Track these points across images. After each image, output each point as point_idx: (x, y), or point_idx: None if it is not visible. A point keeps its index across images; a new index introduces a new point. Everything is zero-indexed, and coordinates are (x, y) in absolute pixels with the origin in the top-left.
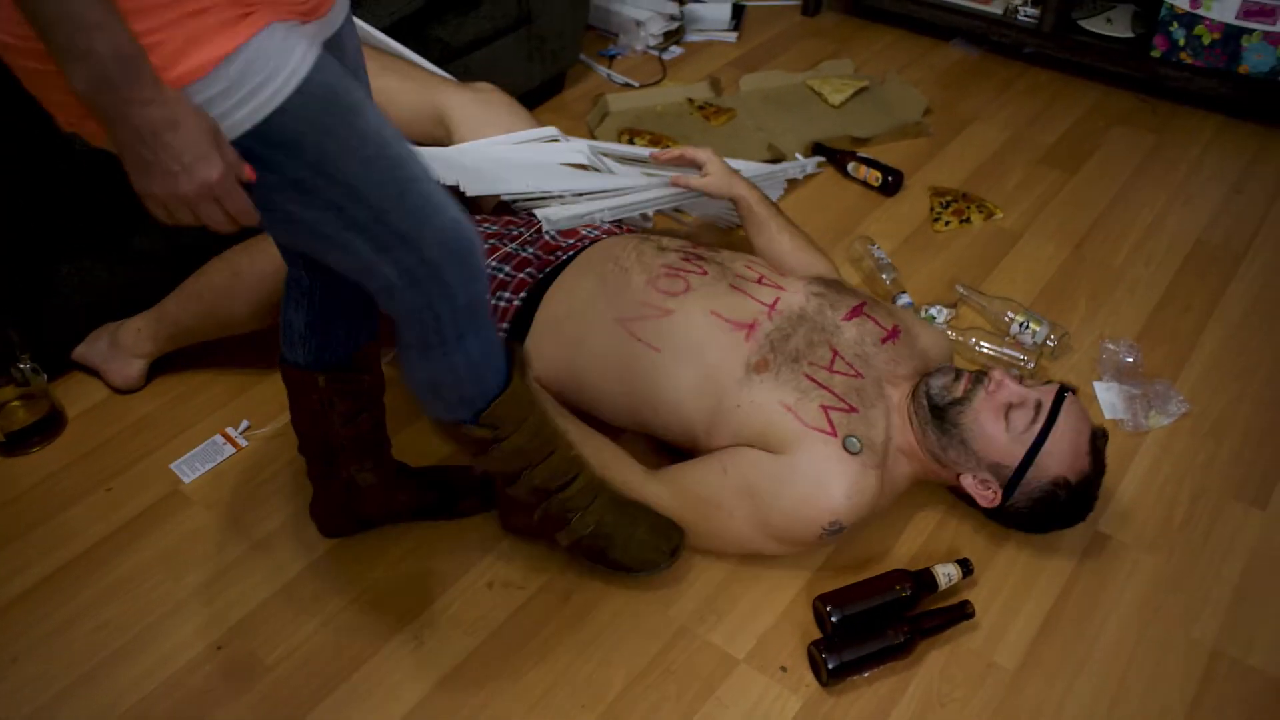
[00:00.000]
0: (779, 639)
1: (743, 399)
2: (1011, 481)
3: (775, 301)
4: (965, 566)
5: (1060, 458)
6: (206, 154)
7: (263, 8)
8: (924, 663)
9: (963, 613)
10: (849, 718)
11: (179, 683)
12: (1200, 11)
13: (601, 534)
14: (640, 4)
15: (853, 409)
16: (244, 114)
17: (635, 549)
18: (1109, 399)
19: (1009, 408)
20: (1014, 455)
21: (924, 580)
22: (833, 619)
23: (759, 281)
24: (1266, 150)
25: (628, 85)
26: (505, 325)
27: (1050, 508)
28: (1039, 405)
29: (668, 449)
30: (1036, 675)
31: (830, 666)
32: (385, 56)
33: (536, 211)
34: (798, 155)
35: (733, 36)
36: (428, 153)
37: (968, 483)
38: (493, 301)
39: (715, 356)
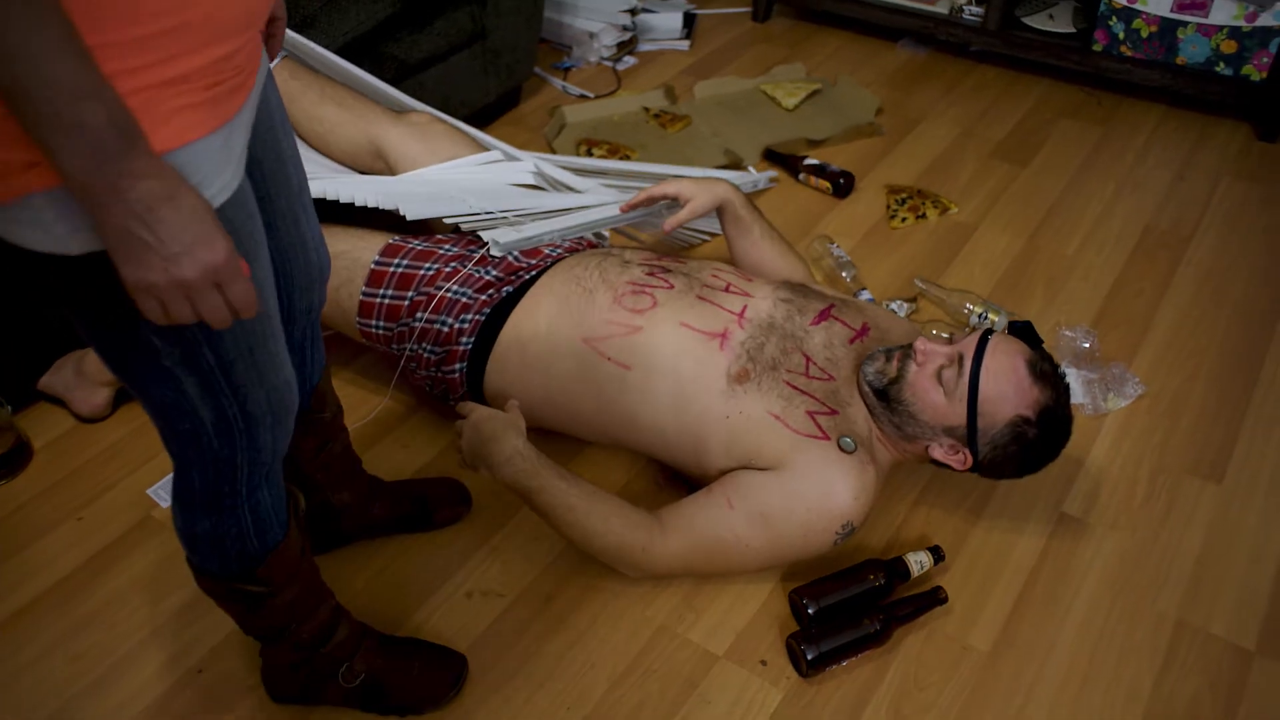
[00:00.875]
0: (757, 633)
1: (731, 410)
2: (970, 439)
3: (744, 310)
4: (936, 553)
5: (1003, 398)
6: (209, 233)
7: (206, 105)
8: (900, 649)
9: (936, 598)
10: (829, 707)
11: (160, 709)
12: (1137, 6)
13: (373, 681)
14: (593, 16)
15: (834, 411)
16: None
17: (414, 688)
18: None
19: (940, 370)
20: (959, 414)
21: (897, 569)
22: (809, 611)
23: (726, 290)
24: (1206, 137)
25: (583, 97)
26: (468, 342)
27: (1026, 447)
28: (962, 358)
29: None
30: (1010, 656)
31: (809, 658)
32: (327, 84)
33: (484, 234)
34: (750, 169)
35: (685, 45)
36: (368, 180)
37: (937, 453)
38: (454, 324)
39: (691, 369)
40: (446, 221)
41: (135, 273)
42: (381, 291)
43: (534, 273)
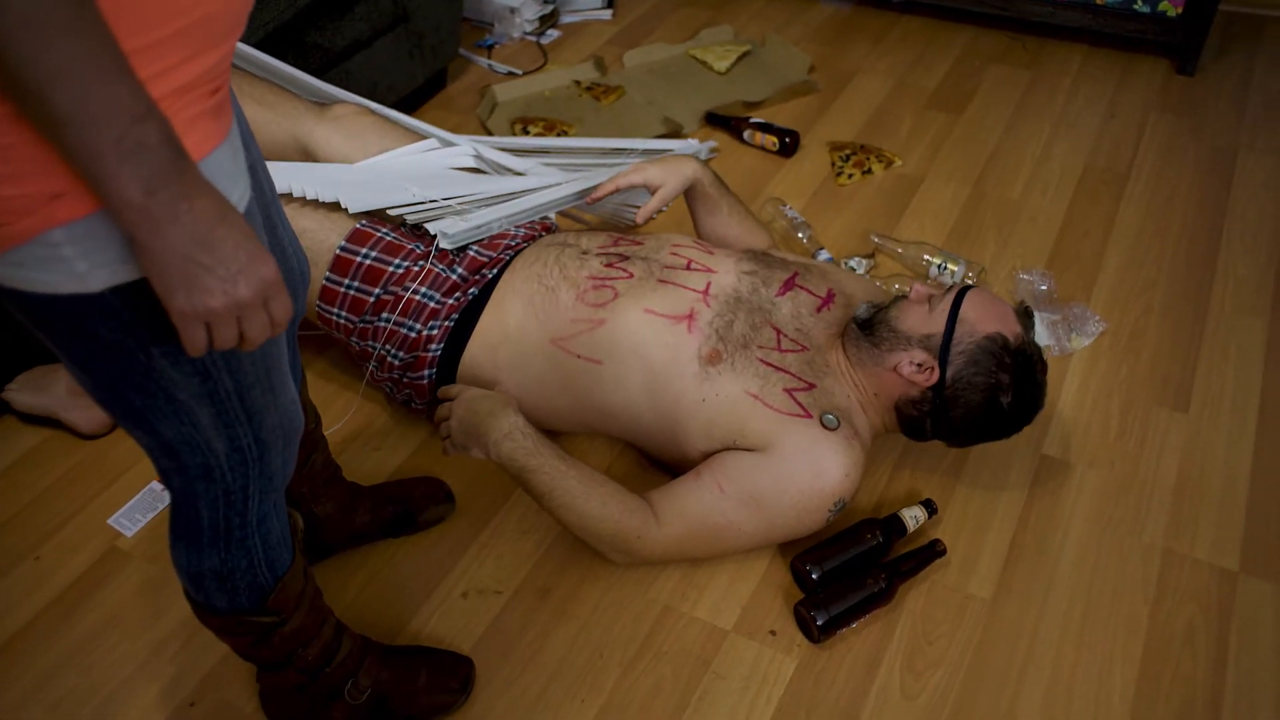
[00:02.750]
0: (763, 604)
1: (707, 393)
2: (944, 348)
3: (708, 287)
4: (930, 507)
5: (984, 314)
6: (259, 249)
7: (211, 113)
8: (905, 605)
9: (934, 551)
10: (844, 670)
11: None
12: None
13: (380, 695)
14: None
15: (812, 385)
16: None
17: (422, 697)
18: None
19: (929, 299)
20: (938, 323)
21: (893, 526)
22: (813, 576)
23: (688, 268)
24: (1131, 74)
25: (511, 74)
26: (437, 349)
27: (993, 366)
28: (951, 288)
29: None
30: (1011, 600)
31: (820, 623)
32: (245, 79)
33: (430, 227)
34: (693, 140)
35: (607, 14)
36: (307, 168)
37: (906, 371)
38: (423, 330)
39: (660, 354)
40: (391, 213)
41: (191, 300)
42: (347, 281)
43: (496, 269)
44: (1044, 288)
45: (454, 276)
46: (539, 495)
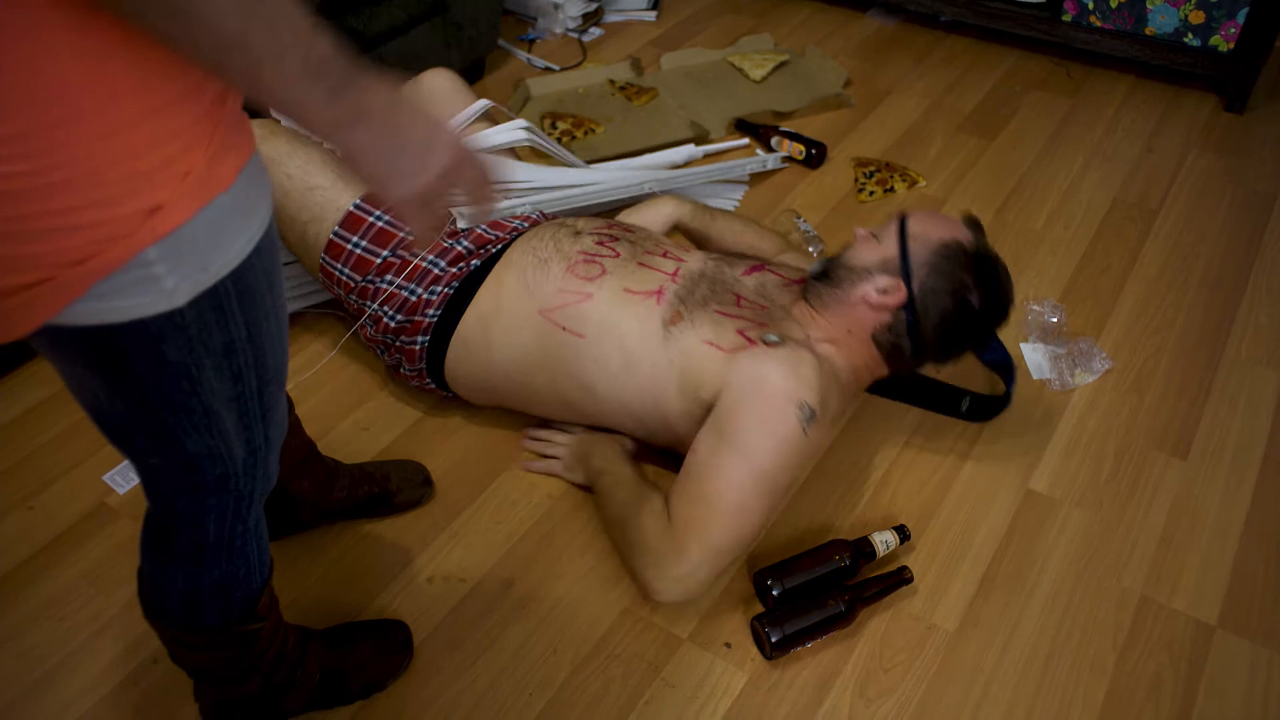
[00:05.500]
0: (722, 616)
1: (673, 353)
2: (904, 265)
3: (677, 270)
4: (902, 533)
5: (932, 227)
6: (436, 120)
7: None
8: (866, 630)
9: (901, 578)
10: (794, 689)
11: (115, 702)
12: None
13: (331, 673)
14: None
15: (764, 325)
16: (242, 243)
17: (370, 668)
18: (1035, 359)
19: (872, 234)
20: (890, 248)
21: (863, 549)
22: (774, 592)
23: (664, 255)
24: (1175, 109)
25: (548, 69)
26: (434, 314)
27: (955, 270)
28: (892, 217)
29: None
30: (975, 635)
31: (773, 640)
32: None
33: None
34: (759, 151)
35: (652, 15)
36: None
37: (874, 299)
38: (423, 294)
39: (632, 326)
40: None
41: (409, 184)
42: (355, 239)
43: (500, 246)
44: (1054, 320)
45: (459, 248)
46: (600, 503)
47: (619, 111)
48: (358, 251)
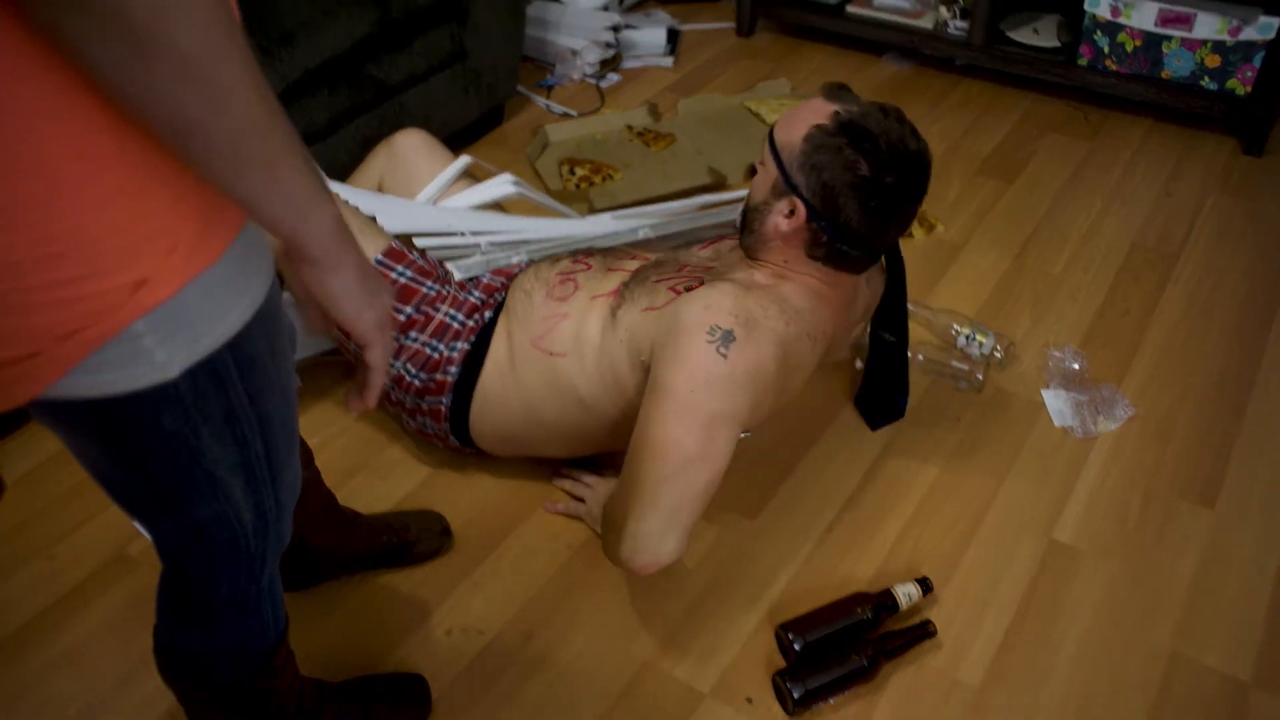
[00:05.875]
0: (743, 670)
1: (621, 333)
2: (785, 178)
3: (640, 267)
4: (925, 585)
5: (791, 127)
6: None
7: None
8: (889, 685)
9: (925, 632)
10: None
11: None
12: (1121, 20)
13: None
14: (576, 33)
15: (700, 282)
16: (238, 313)
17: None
18: (1057, 406)
19: (757, 169)
20: (772, 169)
21: (885, 602)
22: (796, 646)
23: (632, 258)
24: (1193, 151)
25: (566, 115)
26: (456, 372)
27: (829, 156)
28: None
29: None
30: (1001, 690)
31: (796, 696)
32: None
33: (449, 265)
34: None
35: (669, 61)
36: (343, 186)
37: (784, 226)
38: (444, 350)
39: (594, 327)
40: (418, 243)
41: (369, 312)
42: None
43: (504, 293)
44: (1075, 366)
45: (472, 299)
46: None
47: (637, 157)
48: None
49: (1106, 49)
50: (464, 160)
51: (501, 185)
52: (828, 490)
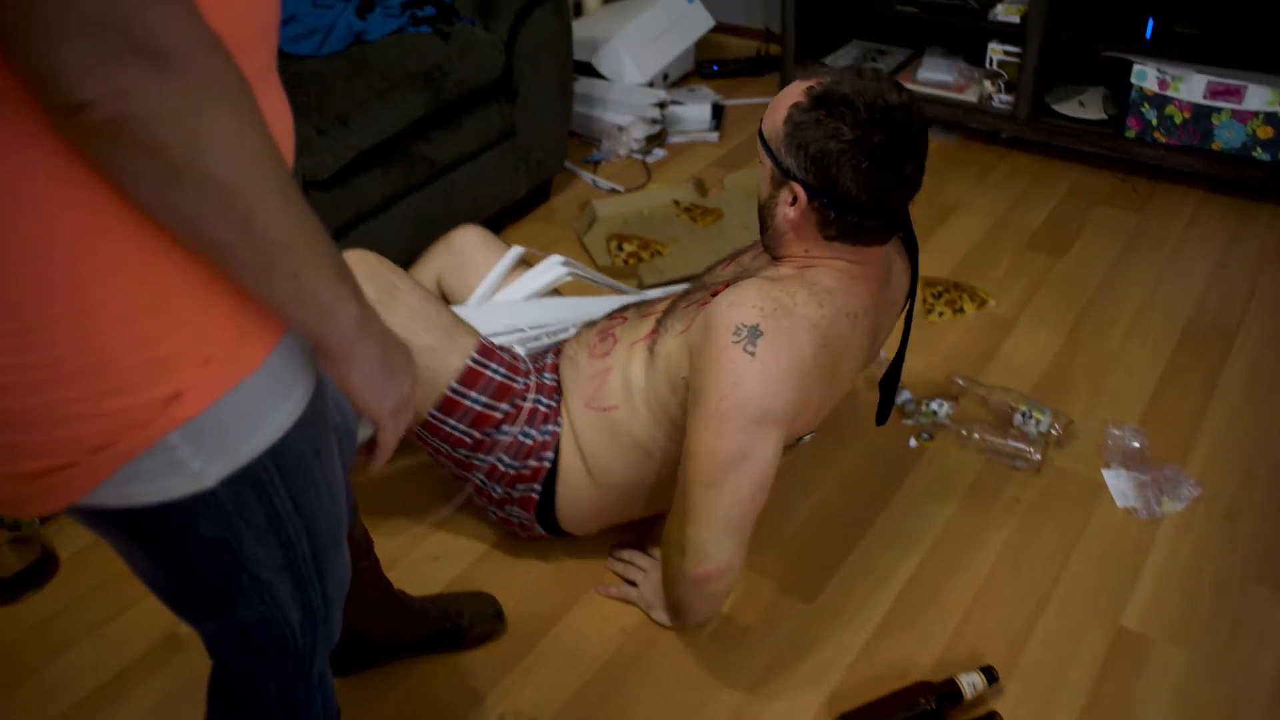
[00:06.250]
0: None
1: (660, 364)
2: (778, 166)
3: (671, 305)
4: (990, 674)
5: (773, 113)
6: (398, 340)
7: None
8: None
9: None
10: None
11: None
12: (1169, 93)
13: None
14: (622, 109)
15: (729, 285)
16: (276, 422)
17: None
18: (1119, 487)
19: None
20: (767, 161)
21: (948, 692)
22: None
23: (665, 300)
24: (1247, 223)
25: (613, 190)
26: (550, 457)
27: (811, 133)
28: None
29: None
30: None
31: None
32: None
33: (516, 347)
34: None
35: (714, 136)
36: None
37: (791, 215)
38: (537, 435)
39: (637, 368)
40: (500, 340)
41: (395, 392)
42: (474, 395)
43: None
44: (1135, 445)
45: (549, 382)
46: None
47: (684, 233)
48: (476, 408)
49: (1155, 121)
50: (516, 251)
51: (553, 268)
52: (886, 573)
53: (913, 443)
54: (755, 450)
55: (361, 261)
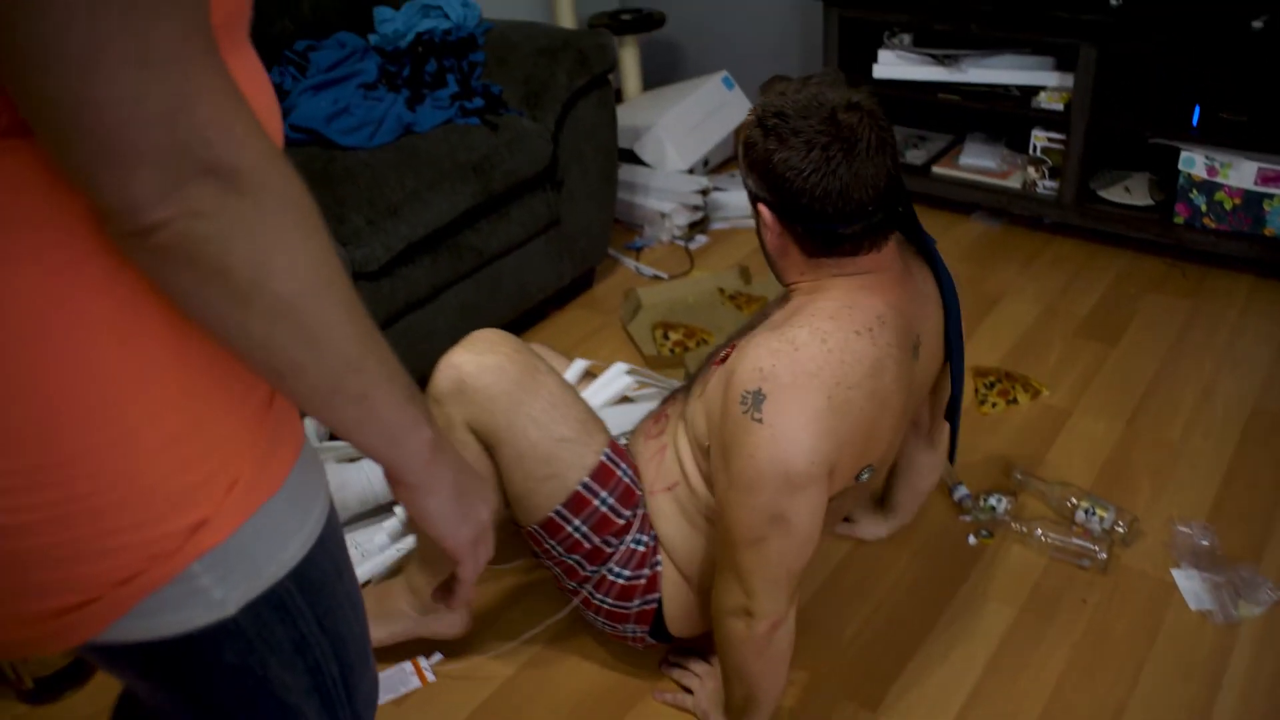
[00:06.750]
0: None
1: (686, 425)
2: (751, 196)
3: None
4: None
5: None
6: (470, 466)
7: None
8: None
9: None
10: None
11: None
12: (1219, 179)
13: None
14: (664, 196)
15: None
16: (299, 542)
17: None
18: (1192, 589)
19: None
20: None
21: None
22: None
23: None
24: None
25: (656, 277)
26: (659, 561)
27: (757, 154)
28: None
29: None
30: None
31: None
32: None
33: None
34: None
35: None
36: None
37: (774, 241)
38: (648, 540)
39: (685, 442)
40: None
41: (472, 522)
42: (604, 494)
43: None
44: (1205, 543)
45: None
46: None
47: (730, 320)
48: (603, 509)
49: (1204, 207)
50: (580, 365)
51: (618, 377)
52: (951, 679)
53: (972, 540)
54: (790, 512)
55: (502, 340)
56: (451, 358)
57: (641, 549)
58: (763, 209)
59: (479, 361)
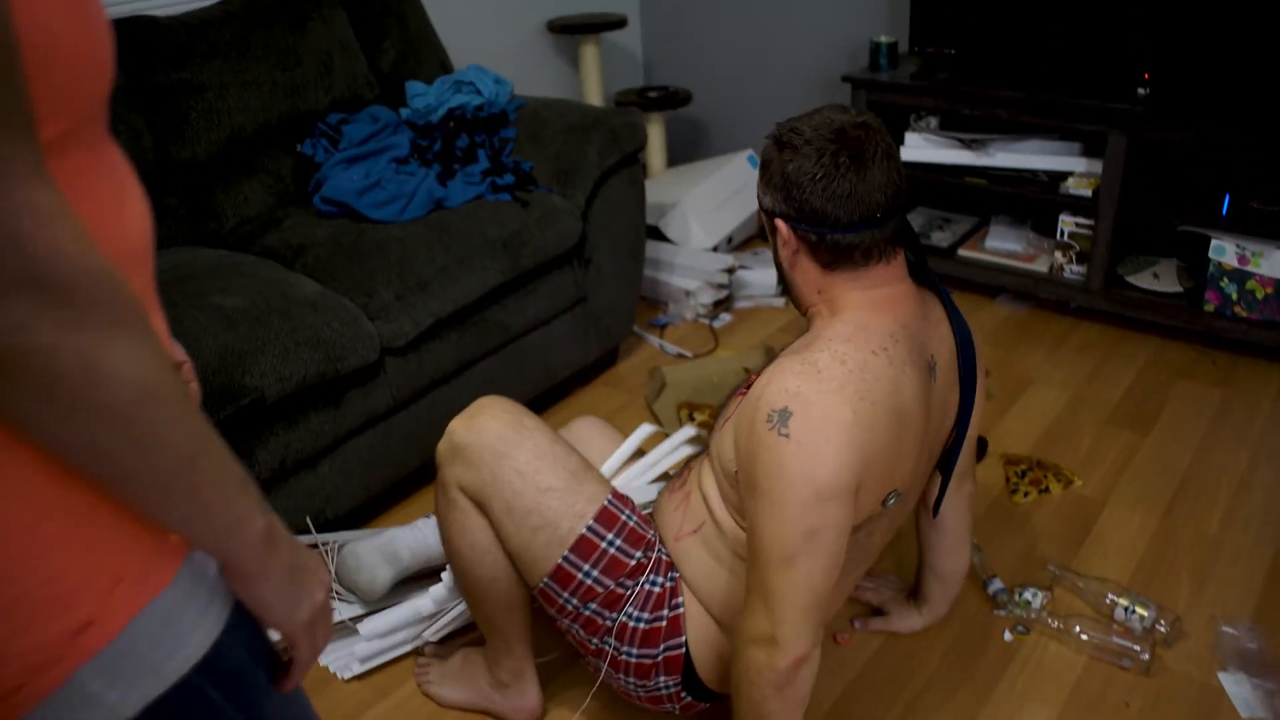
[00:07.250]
0: None
1: (713, 460)
2: (760, 207)
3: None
4: None
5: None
6: (305, 548)
7: None
8: None
9: None
10: None
11: None
12: (1250, 268)
13: None
14: (689, 274)
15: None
16: (202, 633)
17: None
18: (1241, 694)
19: None
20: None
21: None
22: None
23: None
24: None
25: (681, 355)
26: (681, 602)
27: (772, 171)
28: None
29: None
30: None
31: None
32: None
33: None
34: None
35: (781, 301)
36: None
37: (789, 257)
38: (664, 582)
39: (709, 482)
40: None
41: (310, 603)
42: (610, 537)
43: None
44: (1252, 645)
45: (649, 535)
46: None
47: None
48: (612, 550)
49: (1235, 295)
50: (639, 435)
51: (680, 449)
52: None
53: (1008, 636)
54: (820, 526)
55: (494, 403)
56: (450, 424)
57: (658, 590)
58: (778, 223)
59: (469, 424)
